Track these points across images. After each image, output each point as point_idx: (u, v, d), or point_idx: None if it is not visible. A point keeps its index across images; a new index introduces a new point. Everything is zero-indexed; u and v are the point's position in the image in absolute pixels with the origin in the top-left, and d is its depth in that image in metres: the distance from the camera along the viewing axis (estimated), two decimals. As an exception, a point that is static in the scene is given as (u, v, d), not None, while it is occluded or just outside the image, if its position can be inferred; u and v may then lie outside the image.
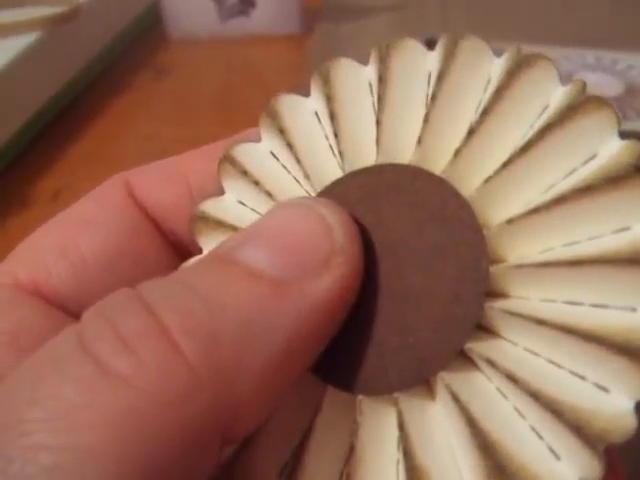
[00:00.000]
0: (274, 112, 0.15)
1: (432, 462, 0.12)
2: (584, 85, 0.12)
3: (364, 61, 0.15)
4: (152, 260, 0.16)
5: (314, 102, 0.15)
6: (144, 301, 0.11)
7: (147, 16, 0.53)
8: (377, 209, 0.13)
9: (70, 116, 0.43)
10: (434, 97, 0.13)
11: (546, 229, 0.12)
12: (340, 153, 0.14)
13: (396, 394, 0.13)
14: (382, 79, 0.14)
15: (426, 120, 0.13)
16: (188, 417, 0.11)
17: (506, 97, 0.13)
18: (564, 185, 0.12)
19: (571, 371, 0.12)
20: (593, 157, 0.12)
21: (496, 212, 0.13)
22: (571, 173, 0.12)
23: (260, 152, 0.15)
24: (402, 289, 0.13)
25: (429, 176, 0.13)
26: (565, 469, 0.11)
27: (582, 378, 0.12)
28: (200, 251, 0.15)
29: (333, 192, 0.14)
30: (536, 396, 0.11)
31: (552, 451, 0.11)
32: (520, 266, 0.12)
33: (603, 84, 0.43)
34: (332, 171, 0.14)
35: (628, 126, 0.39)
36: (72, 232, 0.16)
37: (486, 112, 0.13)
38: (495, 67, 0.14)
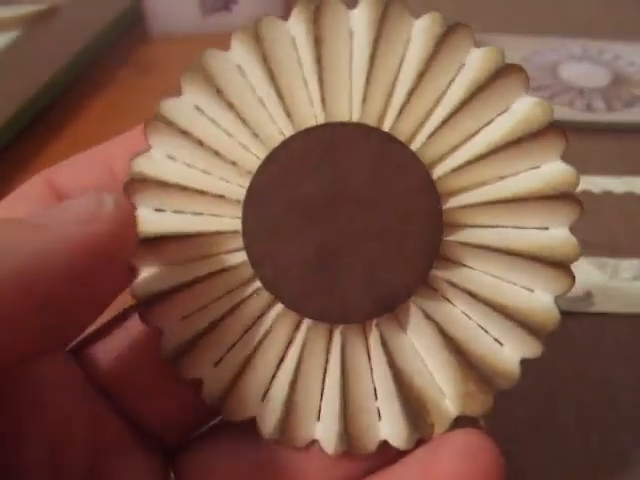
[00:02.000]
0: (200, 67, 0.16)
1: (410, 367, 0.16)
2: (501, 51, 0.15)
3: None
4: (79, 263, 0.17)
5: (244, 59, 0.16)
6: None
7: (128, 13, 0.52)
8: (334, 162, 0.15)
9: (51, 114, 0.43)
10: (373, 57, 0.15)
11: (481, 172, 0.15)
12: (287, 113, 0.15)
13: (375, 320, 0.15)
14: (318, 39, 0.15)
15: (368, 80, 0.15)
16: None
17: (434, 61, 0.15)
18: (492, 136, 0.15)
19: (508, 281, 0.15)
20: (506, 110, 0.15)
21: (440, 161, 0.15)
22: (489, 123, 0.15)
23: (188, 107, 0.16)
24: (366, 230, 0.15)
25: (379, 133, 0.15)
26: (508, 352, 0.16)
27: (514, 284, 0.15)
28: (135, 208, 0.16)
29: (289, 148, 0.15)
30: (486, 303, 0.15)
31: (497, 341, 0.16)
32: (465, 205, 0.15)
33: (590, 74, 0.43)
34: (274, 129, 0.15)
35: (614, 117, 0.39)
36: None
37: (421, 74, 0.15)
38: (417, 30, 0.16)
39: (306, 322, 0.15)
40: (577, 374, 0.26)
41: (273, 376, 0.16)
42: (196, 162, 0.16)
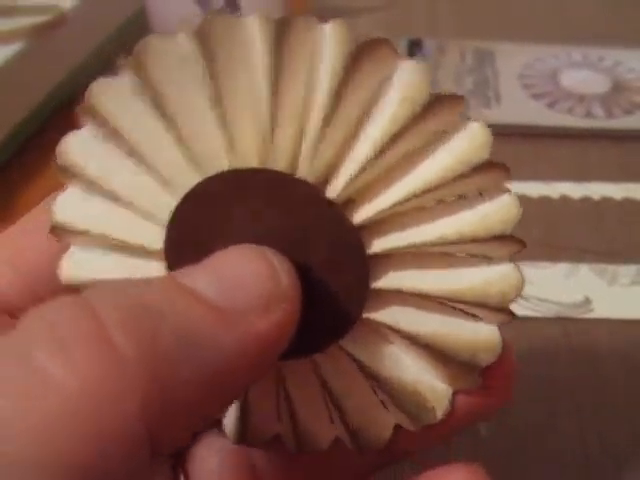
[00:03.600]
0: (92, 107, 0.15)
1: (350, 400, 0.16)
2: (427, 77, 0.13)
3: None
4: None
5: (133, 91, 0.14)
6: (86, 303, 0.11)
7: (132, 22, 0.53)
8: (251, 210, 0.14)
9: (57, 124, 0.43)
10: (275, 85, 0.13)
11: (411, 215, 0.14)
12: (191, 159, 0.14)
13: (315, 356, 0.15)
14: (213, 73, 0.13)
15: (274, 122, 0.13)
16: (118, 417, 0.11)
17: (350, 83, 0.13)
18: (425, 175, 0.14)
19: (416, 367, 0.15)
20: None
21: (363, 203, 0.14)
22: (422, 160, 0.14)
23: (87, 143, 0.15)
24: (310, 275, 0.14)
25: (291, 181, 0.14)
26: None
27: (422, 370, 0.15)
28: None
29: (201, 192, 0.14)
30: (382, 381, 0.15)
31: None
32: (392, 249, 0.14)
33: (590, 81, 0.43)
34: (182, 171, 0.14)
35: (614, 124, 0.39)
36: (20, 242, 0.16)
37: (329, 116, 0.13)
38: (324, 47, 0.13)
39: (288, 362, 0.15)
40: (576, 378, 0.26)
41: (277, 404, 0.16)
42: (112, 211, 0.15)
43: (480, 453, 0.23)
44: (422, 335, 0.15)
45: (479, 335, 0.15)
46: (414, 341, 0.15)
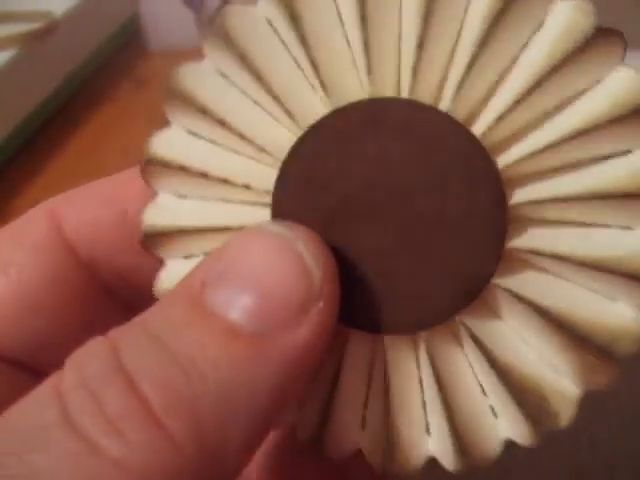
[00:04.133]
0: (224, 32, 0.13)
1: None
2: (591, 7, 0.12)
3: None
4: (81, 301, 0.16)
5: (271, 15, 0.13)
6: (125, 373, 0.11)
7: (126, 28, 0.53)
8: (379, 147, 0.12)
9: (51, 130, 0.43)
10: (426, 18, 0.12)
11: (558, 158, 0.12)
12: (321, 84, 0.13)
13: (421, 333, 0.13)
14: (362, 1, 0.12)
15: (420, 47, 0.12)
16: None
17: (501, 24, 0.12)
18: (577, 116, 0.12)
19: (540, 356, 0.13)
20: (600, 82, 0.12)
21: (508, 146, 0.13)
22: (573, 100, 0.12)
23: (210, 75, 0.13)
24: (415, 231, 0.13)
25: (435, 113, 0.12)
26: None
27: (595, 292, 0.13)
28: (155, 195, 0.14)
29: (327, 128, 0.13)
30: (501, 372, 0.13)
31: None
32: (536, 200, 0.13)
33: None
34: (309, 101, 0.13)
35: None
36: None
37: (485, 38, 0.12)
38: None
39: (385, 337, 0.13)
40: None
41: (365, 402, 0.14)
42: (220, 145, 0.13)
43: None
44: (554, 310, 0.13)
45: (623, 318, 0.13)
46: (543, 316, 0.13)
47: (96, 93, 0.47)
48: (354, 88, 0.13)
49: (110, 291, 0.16)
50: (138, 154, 0.14)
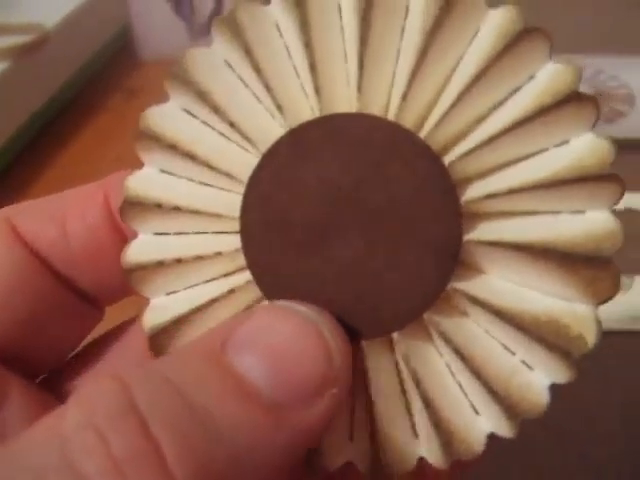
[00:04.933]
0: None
1: (437, 391, 0.14)
2: (519, 12, 0.13)
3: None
4: (45, 296, 0.16)
5: (227, 52, 0.14)
6: (139, 415, 0.11)
7: (117, 39, 0.53)
8: (338, 162, 0.13)
9: (44, 140, 0.43)
10: (364, 37, 0.13)
11: (501, 153, 0.13)
12: (278, 106, 0.14)
13: (394, 335, 0.14)
14: (304, 21, 0.13)
15: (361, 66, 0.13)
16: None
17: (439, 35, 0.13)
18: (512, 110, 0.13)
19: (542, 291, 0.13)
20: (532, 78, 0.13)
21: (454, 145, 0.13)
22: (508, 97, 0.13)
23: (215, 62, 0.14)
24: (379, 234, 0.13)
25: (386, 123, 0.13)
26: (538, 376, 0.13)
27: (550, 294, 0.13)
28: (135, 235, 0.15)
29: (284, 148, 0.13)
30: (513, 321, 0.13)
31: (525, 364, 0.13)
32: (487, 196, 0.13)
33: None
34: (267, 127, 0.14)
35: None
36: None
37: (424, 52, 0.13)
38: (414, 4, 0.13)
39: (364, 344, 0.14)
40: (580, 386, 0.26)
41: (352, 411, 0.14)
42: (191, 179, 0.14)
43: (483, 460, 0.23)
44: (535, 242, 0.13)
45: (595, 223, 0.13)
46: (529, 251, 0.13)
47: (89, 103, 0.47)
48: (306, 110, 0.13)
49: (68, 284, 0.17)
50: (132, 162, 0.15)
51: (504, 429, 0.13)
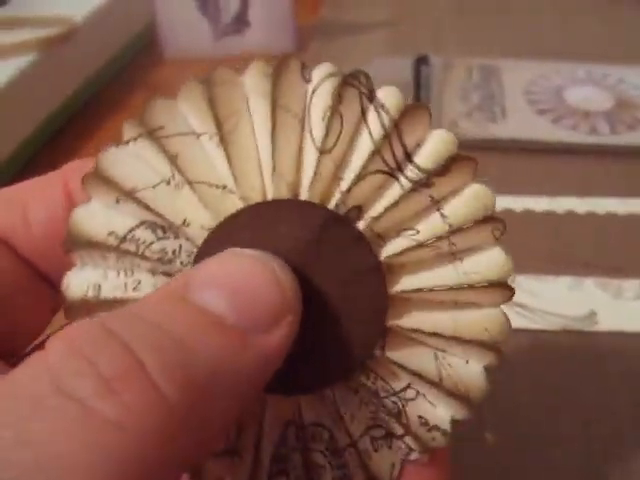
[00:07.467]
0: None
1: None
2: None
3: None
4: (6, 276, 0.16)
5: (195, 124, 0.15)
6: (120, 339, 0.11)
7: (142, 36, 0.53)
8: (271, 249, 0.14)
9: (67, 135, 0.44)
10: (274, 124, 0.14)
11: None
12: (204, 203, 0.14)
13: (327, 390, 0.15)
14: (217, 117, 0.14)
15: (274, 157, 0.14)
16: (167, 457, 0.11)
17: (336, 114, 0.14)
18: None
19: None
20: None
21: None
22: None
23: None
24: (321, 311, 0.14)
25: (321, 211, 0.14)
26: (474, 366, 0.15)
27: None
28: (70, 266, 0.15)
29: (214, 241, 0.14)
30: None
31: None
32: (410, 290, 0.15)
33: (594, 98, 0.43)
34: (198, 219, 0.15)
35: (618, 140, 0.39)
36: None
37: (327, 132, 0.14)
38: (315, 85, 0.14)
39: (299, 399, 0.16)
40: (580, 390, 0.26)
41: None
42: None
43: (485, 461, 0.23)
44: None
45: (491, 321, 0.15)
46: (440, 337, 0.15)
47: (112, 100, 0.48)
48: (229, 202, 0.14)
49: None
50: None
51: (460, 413, 0.15)
